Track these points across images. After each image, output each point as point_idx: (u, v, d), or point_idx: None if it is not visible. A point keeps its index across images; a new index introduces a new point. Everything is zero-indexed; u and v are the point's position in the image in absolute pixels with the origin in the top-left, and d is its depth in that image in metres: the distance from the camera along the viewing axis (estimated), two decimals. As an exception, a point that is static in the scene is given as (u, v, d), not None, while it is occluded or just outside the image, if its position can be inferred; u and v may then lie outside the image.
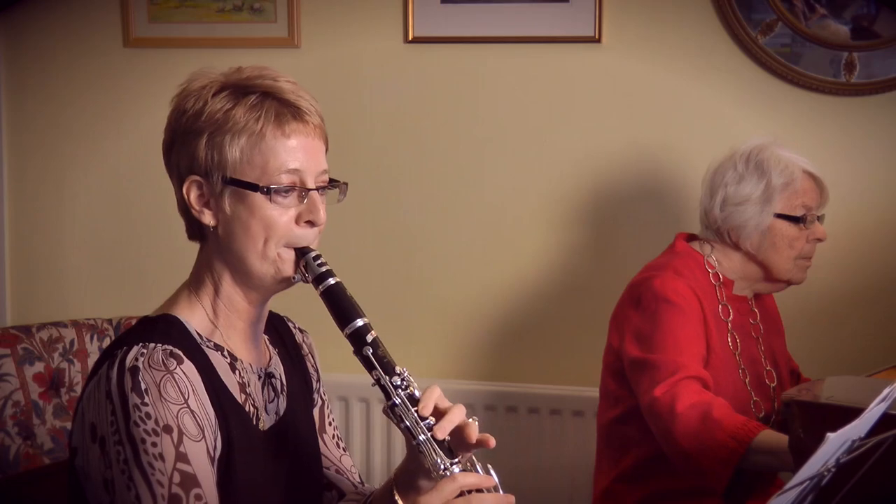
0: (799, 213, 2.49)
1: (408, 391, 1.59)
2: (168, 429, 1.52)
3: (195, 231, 1.68)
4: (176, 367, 1.55)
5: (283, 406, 1.75)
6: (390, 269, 3.25)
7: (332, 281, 1.62)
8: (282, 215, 1.62)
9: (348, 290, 1.63)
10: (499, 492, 1.59)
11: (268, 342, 1.79)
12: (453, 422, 1.57)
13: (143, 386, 1.52)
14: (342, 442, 1.92)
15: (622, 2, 3.02)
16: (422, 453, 1.57)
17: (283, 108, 1.62)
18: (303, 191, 1.63)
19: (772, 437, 2.21)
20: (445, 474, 1.55)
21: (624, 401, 2.50)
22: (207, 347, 1.64)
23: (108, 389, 1.53)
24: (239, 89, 1.63)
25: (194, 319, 1.65)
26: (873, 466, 1.62)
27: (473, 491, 1.56)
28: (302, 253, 1.63)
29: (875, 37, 2.88)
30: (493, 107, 3.15)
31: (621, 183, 3.07)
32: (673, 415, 2.28)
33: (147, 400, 1.52)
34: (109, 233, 3.45)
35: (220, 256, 1.65)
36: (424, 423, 1.57)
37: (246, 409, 1.66)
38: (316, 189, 1.64)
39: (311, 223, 1.64)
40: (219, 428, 1.60)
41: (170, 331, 1.61)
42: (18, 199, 3.51)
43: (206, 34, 3.28)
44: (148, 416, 1.51)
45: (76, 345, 2.75)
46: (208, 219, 1.63)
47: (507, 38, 3.10)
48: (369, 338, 1.60)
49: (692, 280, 2.48)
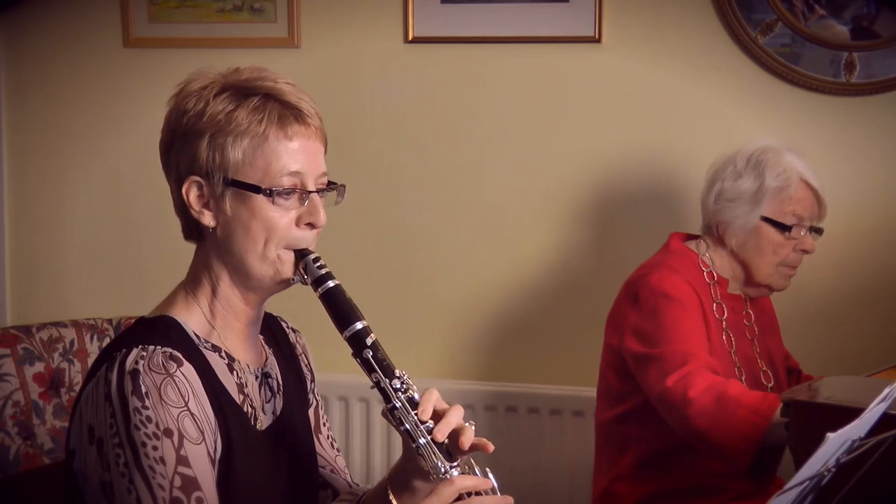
0: (788, 221, 2.47)
1: (407, 394, 1.60)
2: (169, 432, 1.52)
3: (192, 231, 1.68)
4: (176, 370, 1.55)
5: (279, 406, 1.75)
6: (390, 269, 3.25)
7: (332, 284, 1.62)
8: (282, 217, 1.62)
9: (347, 292, 1.63)
10: (496, 494, 1.59)
11: (263, 342, 1.79)
12: (451, 424, 1.58)
13: (144, 389, 1.52)
14: (336, 443, 1.92)
15: (622, 2, 3.02)
16: (421, 456, 1.58)
17: (286, 110, 1.62)
18: (303, 193, 1.63)
19: None
20: (445, 477, 1.55)
21: (629, 398, 2.49)
22: (205, 348, 1.64)
23: (108, 392, 1.53)
24: (240, 91, 1.63)
25: (191, 320, 1.65)
26: (873, 466, 1.62)
27: (472, 494, 1.56)
28: (301, 255, 1.63)
29: (875, 37, 2.88)
30: (493, 107, 3.15)
31: (621, 183, 3.07)
32: (686, 400, 2.27)
33: (148, 403, 1.51)
34: (109, 233, 3.45)
35: (218, 257, 1.65)
36: (424, 426, 1.57)
37: (244, 410, 1.66)
38: (316, 191, 1.64)
39: (312, 225, 1.64)
40: (218, 429, 1.60)
41: (168, 332, 1.61)
42: (18, 199, 3.51)
43: (206, 34, 3.28)
44: (149, 419, 1.51)
45: (76, 345, 2.75)
46: (208, 219, 1.63)
47: (507, 38, 3.09)
48: (369, 341, 1.60)
49: (687, 277, 2.48)
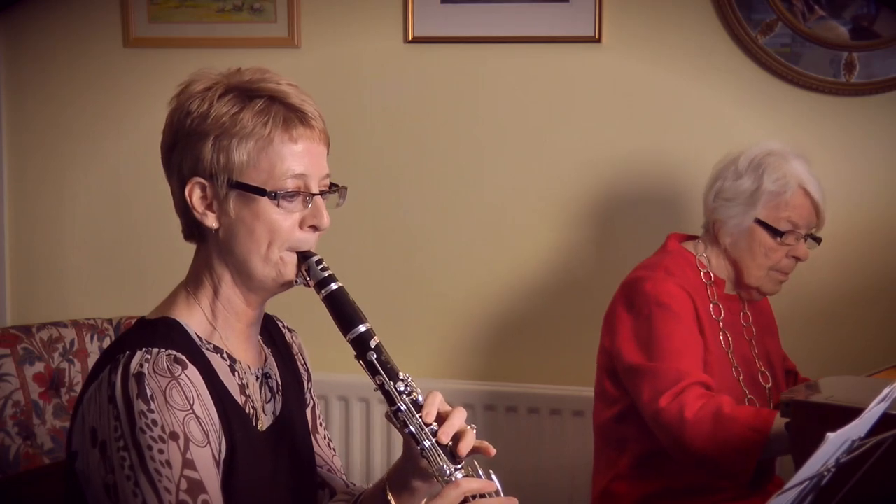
0: (782, 227, 2.46)
1: (411, 396, 1.60)
2: (174, 435, 1.52)
3: (193, 232, 1.67)
4: (181, 373, 1.55)
5: (279, 406, 1.75)
6: (390, 269, 3.25)
7: (335, 286, 1.62)
8: (286, 219, 1.62)
9: (350, 294, 1.63)
10: (501, 496, 1.60)
11: (261, 342, 1.79)
12: (455, 426, 1.58)
13: (149, 392, 1.52)
14: (332, 442, 1.93)
15: (622, 2, 3.02)
16: (426, 458, 1.58)
17: (291, 112, 1.62)
18: (307, 195, 1.63)
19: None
20: (450, 480, 1.56)
21: (620, 401, 2.50)
22: (207, 350, 1.64)
23: (111, 394, 1.53)
24: (244, 93, 1.63)
25: (193, 321, 1.65)
26: (873, 466, 1.62)
27: (477, 496, 1.57)
28: (304, 257, 1.64)
29: (875, 37, 2.88)
30: (493, 107, 3.15)
31: (621, 182, 3.07)
32: (683, 423, 2.30)
33: (153, 406, 1.51)
34: (109, 233, 3.45)
35: (220, 258, 1.65)
36: (428, 428, 1.58)
37: (246, 411, 1.66)
38: (319, 193, 1.65)
39: (315, 227, 1.64)
40: (222, 431, 1.60)
41: (171, 334, 1.61)
42: (18, 199, 3.51)
43: (206, 34, 3.28)
44: (154, 422, 1.51)
45: (76, 345, 2.75)
46: (211, 221, 1.63)
47: (507, 38, 3.09)
48: (372, 343, 1.61)
49: (683, 279, 2.48)
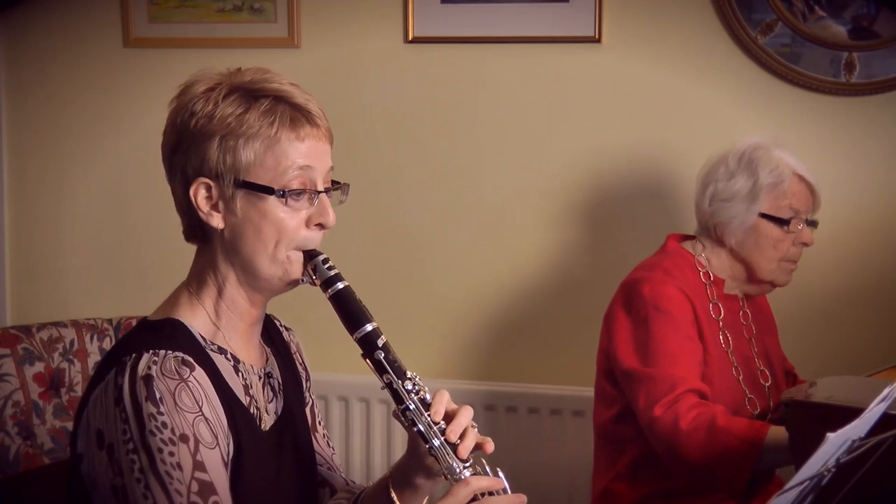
0: (785, 216, 2.47)
1: (419, 395, 1.61)
2: (185, 438, 1.52)
3: (195, 232, 1.67)
4: (189, 375, 1.55)
5: (280, 405, 1.76)
6: (390, 269, 3.25)
7: (342, 285, 1.63)
8: (293, 218, 1.62)
9: (356, 293, 1.64)
10: (508, 493, 1.60)
11: (262, 342, 1.79)
12: (462, 424, 1.59)
13: (158, 395, 1.52)
14: (331, 441, 1.93)
15: (622, 2, 3.02)
16: (433, 457, 1.59)
17: (296, 112, 1.63)
18: (313, 193, 1.63)
19: (779, 433, 2.22)
20: (460, 478, 1.57)
21: (619, 401, 2.50)
22: (212, 351, 1.65)
23: (118, 397, 1.53)
24: (249, 93, 1.63)
25: (196, 321, 1.65)
26: (873, 466, 1.62)
27: (486, 494, 1.57)
28: (310, 256, 1.64)
29: (875, 37, 2.88)
30: (493, 107, 3.15)
31: (621, 183, 3.07)
32: (677, 433, 2.30)
33: (163, 409, 1.51)
34: (109, 233, 3.45)
35: (225, 258, 1.65)
36: (437, 426, 1.59)
37: (251, 412, 1.67)
38: (325, 191, 1.65)
39: (321, 225, 1.65)
40: (230, 432, 1.60)
41: (177, 336, 1.61)
42: (18, 199, 3.51)
43: (206, 34, 3.28)
44: (164, 425, 1.51)
45: (76, 345, 2.75)
46: (216, 221, 1.63)
47: (507, 38, 3.10)
48: (380, 342, 1.62)
49: (682, 280, 2.48)
